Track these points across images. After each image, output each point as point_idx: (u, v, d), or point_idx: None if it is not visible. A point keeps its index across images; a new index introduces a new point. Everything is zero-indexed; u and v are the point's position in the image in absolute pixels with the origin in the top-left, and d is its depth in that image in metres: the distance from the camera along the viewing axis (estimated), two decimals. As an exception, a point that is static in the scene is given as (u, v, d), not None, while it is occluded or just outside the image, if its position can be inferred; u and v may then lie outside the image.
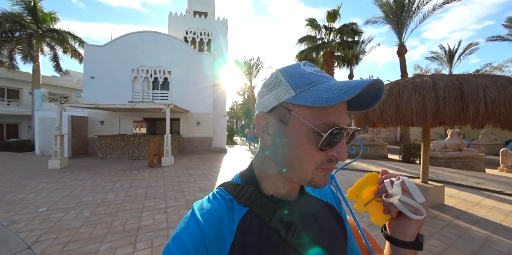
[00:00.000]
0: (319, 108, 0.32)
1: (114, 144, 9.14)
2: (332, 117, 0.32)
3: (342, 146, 0.34)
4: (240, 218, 0.36)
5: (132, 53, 10.81)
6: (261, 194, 0.39)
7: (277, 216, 0.37)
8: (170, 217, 3.15)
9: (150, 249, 2.31)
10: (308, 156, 0.34)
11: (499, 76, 2.92)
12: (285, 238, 0.36)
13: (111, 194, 4.20)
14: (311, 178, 0.34)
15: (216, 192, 0.40)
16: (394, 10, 9.61)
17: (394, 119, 3.23)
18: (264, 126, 0.37)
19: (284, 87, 0.35)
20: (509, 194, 4.21)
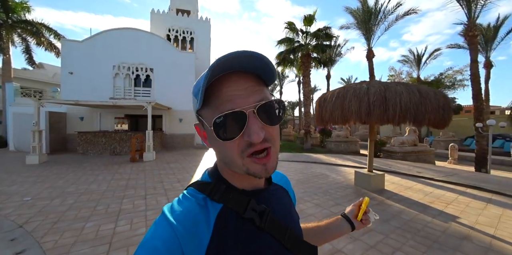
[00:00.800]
0: (211, 103, 0.34)
1: (95, 140, 9.21)
2: (221, 106, 0.33)
3: (250, 127, 0.33)
4: (216, 215, 0.36)
5: (113, 49, 10.76)
6: (233, 189, 0.40)
7: (250, 207, 0.38)
8: (149, 202, 3.60)
9: (129, 226, 2.77)
10: (227, 148, 0.35)
11: (411, 84, 3.69)
12: (260, 226, 0.37)
13: (94, 185, 4.53)
14: (246, 168, 0.35)
15: (187, 192, 0.40)
16: (363, 18, 10.49)
17: (341, 118, 3.91)
18: (203, 133, 0.40)
19: (193, 98, 0.38)
20: (437, 180, 5.13)
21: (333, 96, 3.97)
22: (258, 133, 0.33)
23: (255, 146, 0.34)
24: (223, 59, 0.31)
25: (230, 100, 0.33)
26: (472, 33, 7.00)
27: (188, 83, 11.82)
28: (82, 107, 10.10)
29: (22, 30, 12.99)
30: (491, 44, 14.74)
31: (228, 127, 0.33)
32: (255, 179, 0.40)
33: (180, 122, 11.81)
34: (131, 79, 11.14)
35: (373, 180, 4.39)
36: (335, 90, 4.12)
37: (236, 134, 0.33)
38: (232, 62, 0.32)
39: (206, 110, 0.35)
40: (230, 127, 0.33)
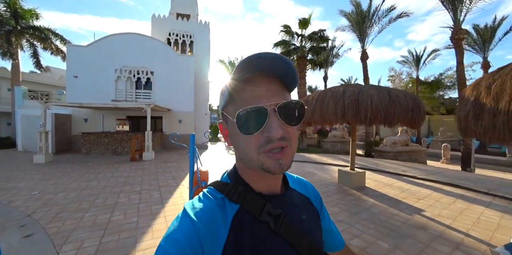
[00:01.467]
0: (237, 100, 0.36)
1: (98, 140, 9.65)
2: (246, 103, 0.35)
3: (270, 123, 0.35)
4: (233, 214, 0.38)
5: (115, 53, 11.23)
6: (250, 191, 0.41)
7: (266, 210, 0.39)
8: (143, 196, 3.95)
9: (123, 216, 3.11)
10: (244, 142, 0.36)
11: (383, 87, 3.96)
12: (274, 230, 0.38)
13: (94, 182, 4.90)
14: (261, 163, 0.36)
15: (207, 191, 0.42)
16: (357, 21, 10.73)
17: (320, 119, 4.20)
18: (225, 131, 0.43)
19: (221, 96, 0.41)
20: (418, 178, 5.36)
21: (314, 99, 4.27)
22: (277, 129, 0.34)
23: (274, 143, 0.35)
24: (250, 60, 0.33)
25: (254, 99, 0.35)
26: (458, 37, 7.19)
27: (187, 85, 12.22)
28: (86, 109, 10.57)
29: (30, 35, 13.60)
30: (489, 44, 14.81)
31: (250, 121, 0.34)
32: (272, 182, 0.43)
33: (180, 123, 12.20)
34: (132, 82, 11.58)
35: (354, 178, 4.66)
36: (316, 93, 4.42)
37: (257, 129, 0.35)
38: (259, 63, 0.34)
39: (231, 107, 0.38)
40: (252, 122, 0.34)
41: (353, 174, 4.66)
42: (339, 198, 3.93)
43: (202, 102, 14.08)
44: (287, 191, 0.47)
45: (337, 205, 3.61)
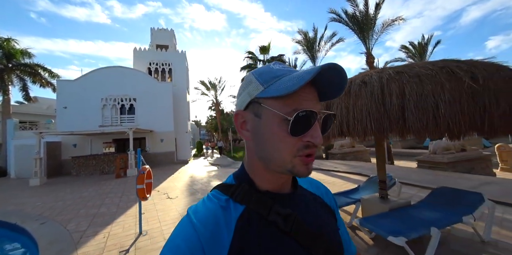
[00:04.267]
0: (286, 97, 0.34)
1: (86, 162, 10.84)
2: (299, 103, 0.34)
3: (315, 130, 0.35)
4: (238, 216, 0.37)
5: (101, 85, 12.80)
6: (256, 190, 0.40)
7: (275, 209, 0.38)
8: (122, 199, 5.34)
9: (107, 210, 4.50)
10: (283, 143, 0.35)
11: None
12: (285, 230, 0.37)
13: (85, 194, 6.20)
14: (292, 166, 0.35)
15: (211, 194, 0.41)
16: (307, 46, 12.98)
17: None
18: (242, 123, 0.40)
19: (254, 84, 0.38)
20: (340, 171, 7.01)
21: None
22: (320, 136, 0.35)
23: (311, 149, 0.35)
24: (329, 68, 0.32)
25: (306, 100, 0.35)
26: (370, 60, 9.36)
27: (166, 108, 13.83)
28: (75, 136, 11.83)
29: (20, 72, 15.01)
30: (424, 57, 17.63)
31: (302, 123, 0.34)
32: (284, 181, 0.42)
33: (162, 142, 13.59)
34: (117, 108, 13.07)
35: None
36: None
37: (303, 132, 0.34)
38: (329, 74, 0.34)
39: (276, 102, 0.35)
40: (302, 125, 0.34)
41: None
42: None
43: (182, 121, 15.63)
44: (297, 190, 0.45)
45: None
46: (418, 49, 17.44)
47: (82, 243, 3.01)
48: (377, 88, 1.93)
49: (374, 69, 2.22)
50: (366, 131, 2.00)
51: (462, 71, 1.72)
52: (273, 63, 0.40)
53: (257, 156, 0.39)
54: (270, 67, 0.39)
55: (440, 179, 5.14)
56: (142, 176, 3.14)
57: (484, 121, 1.66)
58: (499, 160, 7.71)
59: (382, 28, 9.13)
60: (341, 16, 9.27)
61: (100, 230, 3.45)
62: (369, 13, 8.83)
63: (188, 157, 15.53)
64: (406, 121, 1.80)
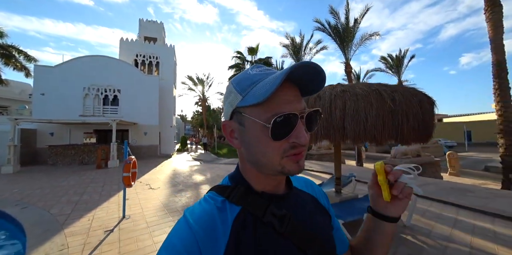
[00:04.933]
0: (264, 102, 0.34)
1: (65, 152, 10.61)
2: (278, 107, 0.34)
3: (299, 130, 0.35)
4: (234, 217, 0.37)
5: (83, 73, 12.44)
6: (251, 192, 0.41)
7: (270, 210, 0.38)
8: (104, 188, 5.53)
9: (89, 197, 4.71)
10: (269, 148, 0.35)
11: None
12: (280, 231, 0.37)
13: (64, 183, 6.27)
14: (282, 167, 0.36)
15: (207, 196, 0.42)
16: (294, 50, 13.58)
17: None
18: (231, 132, 0.41)
19: (233, 94, 0.38)
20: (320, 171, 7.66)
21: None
22: (305, 136, 0.35)
23: (298, 148, 0.36)
24: (300, 67, 0.32)
25: (286, 104, 0.35)
26: (348, 70, 10.19)
27: (152, 101, 13.77)
28: (53, 124, 11.46)
29: (-8, 53, 14.04)
30: (401, 68, 19.13)
31: (282, 127, 0.34)
32: (278, 182, 0.42)
33: (145, 135, 13.56)
34: (100, 99, 12.80)
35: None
36: None
37: (285, 135, 0.35)
38: (305, 71, 0.34)
39: (255, 109, 0.35)
40: (283, 128, 0.34)
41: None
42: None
43: (168, 116, 15.62)
44: (291, 190, 0.46)
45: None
46: (395, 61, 18.91)
47: (67, 224, 3.28)
48: (327, 102, 2.47)
49: (329, 86, 2.75)
50: (317, 136, 2.55)
51: (386, 93, 2.30)
52: (251, 67, 0.41)
53: (248, 162, 0.41)
54: (248, 72, 0.40)
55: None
56: (128, 165, 3.47)
57: (398, 133, 2.26)
58: (448, 166, 8.90)
59: (361, 40, 9.96)
60: (325, 26, 9.93)
61: (84, 214, 3.71)
62: (350, 26, 9.57)
63: (171, 151, 15.59)
64: (345, 130, 2.36)
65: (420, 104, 2.32)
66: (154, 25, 17.18)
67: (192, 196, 4.79)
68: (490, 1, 5.24)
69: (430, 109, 2.47)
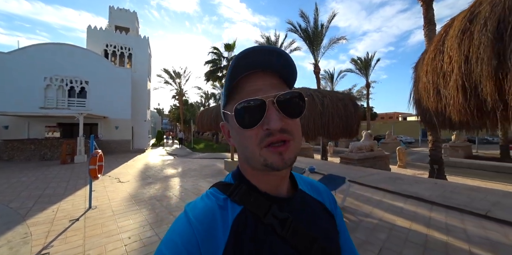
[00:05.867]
0: (235, 96, 0.35)
1: (23, 147, 9.90)
2: (246, 97, 0.35)
3: (269, 115, 0.34)
4: (235, 216, 0.37)
5: (44, 62, 11.51)
6: (254, 192, 0.40)
7: (272, 212, 0.38)
8: (70, 183, 5.50)
9: (53, 191, 4.71)
10: (246, 138, 0.35)
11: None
12: (281, 234, 0.37)
13: (24, 178, 6.03)
14: (263, 159, 0.35)
15: (209, 192, 0.41)
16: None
17: (206, 126, 6.59)
18: (228, 132, 0.43)
19: (222, 96, 0.40)
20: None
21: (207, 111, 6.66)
22: (276, 120, 0.34)
23: (274, 136, 0.34)
24: (245, 55, 0.32)
25: (252, 93, 0.35)
26: (316, 70, 10.98)
27: (124, 94, 13.28)
28: (7, 116, 10.54)
29: None
30: (368, 70, 20.78)
31: (249, 114, 0.34)
32: (278, 182, 0.41)
33: (116, 129, 13.10)
34: (65, 90, 12.01)
35: (230, 165, 7.19)
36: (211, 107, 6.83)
37: (256, 122, 0.34)
38: (254, 59, 0.34)
39: (230, 104, 0.37)
40: (251, 115, 0.34)
41: (229, 162, 7.20)
42: (216, 175, 6.34)
43: (141, 110, 15.18)
44: (296, 193, 0.45)
45: (213, 178, 5.99)
46: (364, 64, 20.46)
47: (29, 216, 3.37)
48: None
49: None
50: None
51: (318, 98, 2.84)
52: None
53: (241, 158, 0.41)
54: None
55: (346, 171, 6.80)
56: (94, 158, 3.63)
57: (325, 131, 2.82)
58: (398, 159, 10.19)
59: (329, 44, 10.76)
60: (296, 28, 10.49)
61: (48, 206, 3.79)
62: (318, 30, 10.27)
63: (145, 146, 15.26)
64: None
65: (345, 107, 2.90)
66: (126, 14, 16.28)
67: (160, 188, 5.05)
68: (427, 20, 6.17)
69: (355, 111, 3.06)
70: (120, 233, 2.79)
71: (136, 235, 2.74)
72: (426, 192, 4.30)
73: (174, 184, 5.45)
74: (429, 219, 3.20)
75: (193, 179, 5.92)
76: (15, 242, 2.58)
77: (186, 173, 6.80)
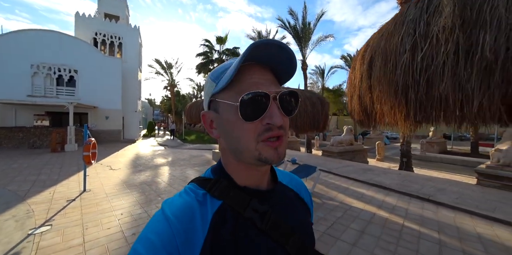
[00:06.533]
0: (235, 85, 0.34)
1: (10, 135, 9.91)
2: (247, 88, 0.34)
3: (272, 110, 0.34)
4: (214, 211, 0.37)
5: (30, 49, 11.22)
6: (234, 186, 0.40)
7: (251, 206, 0.38)
8: (63, 170, 5.78)
9: (47, 177, 5.00)
10: (243, 131, 0.35)
11: None
12: (260, 227, 0.37)
13: (15, 165, 6.23)
14: (258, 153, 0.35)
15: (188, 188, 0.41)
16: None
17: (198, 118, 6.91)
18: (210, 123, 0.40)
19: (209, 83, 0.39)
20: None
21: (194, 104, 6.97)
22: (279, 116, 0.34)
23: (273, 131, 0.34)
24: (258, 46, 0.32)
25: (255, 85, 0.34)
26: (304, 67, 11.37)
27: (114, 84, 13.23)
28: (-6, 104, 10.40)
29: None
30: (358, 67, 21.28)
31: (253, 107, 0.33)
32: (261, 176, 0.41)
33: (106, 119, 13.15)
34: (53, 79, 11.85)
35: (217, 155, 7.61)
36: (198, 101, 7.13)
37: (259, 116, 0.34)
38: (267, 51, 0.33)
39: (227, 93, 0.35)
40: (255, 108, 0.33)
41: (217, 153, 7.62)
42: (204, 164, 6.76)
43: (132, 100, 15.17)
44: (276, 186, 0.45)
45: (200, 167, 6.41)
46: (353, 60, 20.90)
47: (28, 197, 3.69)
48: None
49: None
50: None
51: (290, 97, 3.27)
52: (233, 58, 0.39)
53: (229, 151, 0.39)
54: (224, 63, 0.39)
55: (325, 162, 7.37)
56: (88, 146, 3.94)
57: (294, 125, 3.26)
58: (377, 153, 10.96)
59: (317, 41, 11.10)
60: (286, 25, 10.72)
61: (44, 189, 4.12)
62: (306, 28, 10.56)
63: (136, 136, 15.39)
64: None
65: (312, 105, 3.34)
66: (116, 2, 15.81)
67: (150, 175, 5.43)
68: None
69: (322, 109, 3.51)
70: (113, 211, 3.18)
71: (127, 212, 3.14)
72: (388, 181, 4.90)
73: (164, 172, 5.84)
74: (382, 202, 3.77)
75: (182, 168, 6.32)
76: (19, 217, 2.93)
77: (176, 162, 7.18)
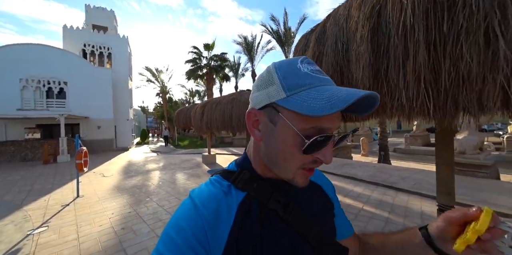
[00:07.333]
0: (308, 111, 0.32)
1: (2, 149, 10.01)
2: (320, 122, 0.33)
3: (328, 150, 0.35)
4: (239, 202, 0.38)
5: (18, 64, 11.35)
6: (257, 178, 0.41)
7: (274, 197, 0.40)
8: (57, 179, 6.02)
9: (41, 186, 5.24)
10: (292, 157, 0.35)
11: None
12: (284, 217, 0.39)
13: (10, 178, 6.42)
14: (293, 177, 0.36)
15: (213, 179, 0.42)
16: (247, 48, 14.71)
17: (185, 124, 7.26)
18: (255, 122, 0.40)
19: (276, 87, 0.36)
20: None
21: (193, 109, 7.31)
22: (331, 156, 0.35)
23: (317, 164, 0.36)
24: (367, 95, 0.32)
25: (329, 119, 0.34)
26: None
27: (105, 94, 13.45)
28: (-16, 119, 10.49)
29: None
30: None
31: (317, 145, 0.34)
32: None
33: (98, 129, 13.32)
34: (43, 92, 12.00)
35: (207, 158, 7.95)
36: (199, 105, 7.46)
37: (315, 151, 0.34)
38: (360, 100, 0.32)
39: (295, 114, 0.34)
40: (318, 146, 0.34)
41: (206, 156, 7.96)
42: (194, 167, 7.09)
43: (123, 109, 15.38)
44: None
45: (190, 170, 6.73)
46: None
47: (24, 204, 3.97)
48: (223, 107, 3.76)
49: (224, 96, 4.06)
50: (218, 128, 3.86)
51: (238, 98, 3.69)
52: (301, 60, 0.37)
53: (264, 156, 0.40)
54: (298, 67, 0.36)
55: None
56: (80, 154, 4.25)
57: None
58: (362, 148, 11.42)
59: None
60: (269, 30, 11.28)
61: (39, 198, 4.39)
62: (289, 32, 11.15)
63: (129, 144, 15.55)
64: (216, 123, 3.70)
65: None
66: (103, 13, 16.13)
67: (141, 180, 5.73)
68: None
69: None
70: (105, 211, 3.50)
71: (118, 212, 3.47)
72: (361, 173, 5.35)
73: (154, 176, 6.14)
74: (351, 190, 4.20)
75: (172, 172, 6.63)
76: (17, 221, 3.23)
77: (166, 167, 7.48)
